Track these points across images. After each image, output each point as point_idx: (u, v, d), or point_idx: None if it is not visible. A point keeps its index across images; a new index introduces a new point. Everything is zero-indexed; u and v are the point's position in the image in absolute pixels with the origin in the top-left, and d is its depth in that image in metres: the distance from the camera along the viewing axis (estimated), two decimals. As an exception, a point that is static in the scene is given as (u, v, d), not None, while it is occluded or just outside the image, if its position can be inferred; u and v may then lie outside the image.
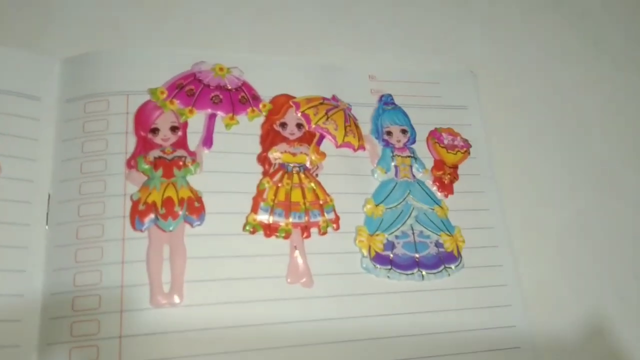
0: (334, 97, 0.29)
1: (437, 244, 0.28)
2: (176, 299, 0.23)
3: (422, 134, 0.30)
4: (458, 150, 0.30)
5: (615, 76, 0.35)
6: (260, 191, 0.26)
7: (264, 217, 0.26)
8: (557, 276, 0.29)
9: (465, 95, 0.32)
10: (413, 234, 0.28)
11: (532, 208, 0.30)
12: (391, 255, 0.27)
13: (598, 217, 0.31)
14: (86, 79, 0.26)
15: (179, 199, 0.25)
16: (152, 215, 0.24)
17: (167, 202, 0.24)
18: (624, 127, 0.34)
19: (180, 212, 0.24)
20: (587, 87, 0.34)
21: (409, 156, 0.29)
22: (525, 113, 0.33)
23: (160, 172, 0.25)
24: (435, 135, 0.30)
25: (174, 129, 0.26)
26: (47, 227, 0.24)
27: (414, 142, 0.30)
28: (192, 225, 0.25)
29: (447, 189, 0.29)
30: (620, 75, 0.35)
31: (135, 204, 0.24)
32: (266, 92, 0.28)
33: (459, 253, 0.28)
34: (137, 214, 0.24)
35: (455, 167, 0.30)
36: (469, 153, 0.30)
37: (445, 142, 0.30)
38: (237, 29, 0.30)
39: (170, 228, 0.24)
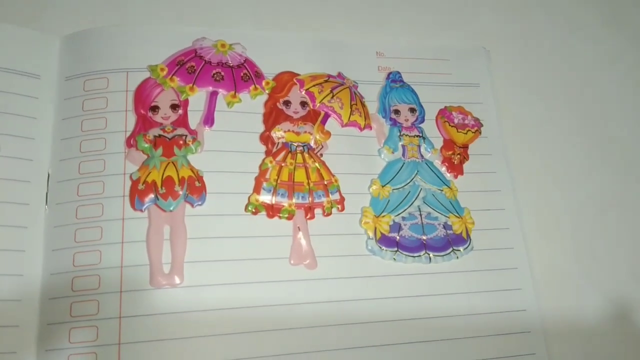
0: (339, 75, 0.28)
1: (446, 226, 0.27)
2: (176, 280, 0.23)
3: (431, 113, 0.29)
4: (469, 130, 0.29)
5: (633, 52, 0.34)
6: (262, 171, 0.25)
7: (266, 198, 0.25)
8: (569, 259, 0.28)
9: (476, 72, 0.31)
10: (420, 215, 0.27)
11: (544, 189, 0.29)
12: (398, 237, 0.26)
13: (613, 198, 0.30)
14: (86, 56, 0.26)
15: (179, 178, 0.24)
16: (152, 195, 0.23)
17: (167, 182, 0.24)
18: (642, 106, 0.33)
19: (181, 192, 0.24)
20: (603, 63, 0.33)
21: (417, 135, 0.28)
22: (539, 91, 0.32)
23: (160, 150, 0.24)
24: (444, 114, 0.29)
25: (174, 106, 0.25)
26: (46, 207, 0.24)
27: (422, 121, 0.29)
28: (192, 205, 0.24)
29: (456, 169, 0.28)
30: (638, 51, 0.34)
31: (134, 183, 0.24)
32: (269, 69, 0.27)
33: (467, 235, 0.27)
34: (136, 194, 0.23)
35: (465, 147, 0.29)
36: (480, 132, 0.29)
37: (456, 121, 0.29)
38: (239, 4, 0.29)
39: (171, 208, 0.24)
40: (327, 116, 0.27)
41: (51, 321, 0.22)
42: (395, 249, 0.26)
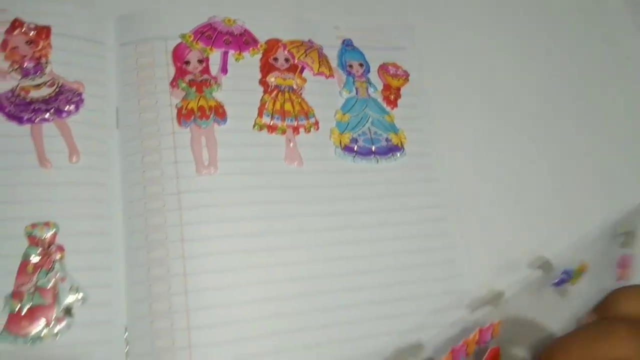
0: (310, 41, 0.41)
1: (387, 140, 0.40)
2: (212, 170, 0.34)
3: (374, 67, 0.42)
4: (400, 77, 0.42)
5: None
6: (262, 103, 0.37)
7: (267, 120, 0.37)
8: (472, 166, 0.41)
9: (404, 39, 0.44)
10: (370, 133, 0.39)
11: (452, 115, 0.42)
12: (355, 147, 0.39)
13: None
14: (136, 29, 0.37)
15: (208, 106, 0.36)
16: (192, 117, 0.35)
17: (201, 109, 0.35)
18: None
19: (211, 115, 0.36)
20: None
21: (365, 81, 0.41)
22: (455, 42, 0.45)
23: (194, 89, 0.36)
24: (383, 67, 0.42)
25: (200, 61, 0.37)
26: (117, 129, 0.35)
27: (368, 72, 0.41)
28: (218, 124, 0.36)
29: (392, 103, 0.41)
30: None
31: (179, 110, 0.35)
32: (262, 37, 0.39)
33: (402, 145, 0.40)
34: (181, 117, 0.35)
35: (398, 89, 0.42)
36: (408, 80, 0.42)
37: (391, 72, 0.42)
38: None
39: (204, 126, 0.35)
40: (303, 68, 0.40)
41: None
42: (354, 154, 0.38)
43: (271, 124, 0.37)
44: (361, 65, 0.41)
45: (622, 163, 0.44)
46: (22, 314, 0.29)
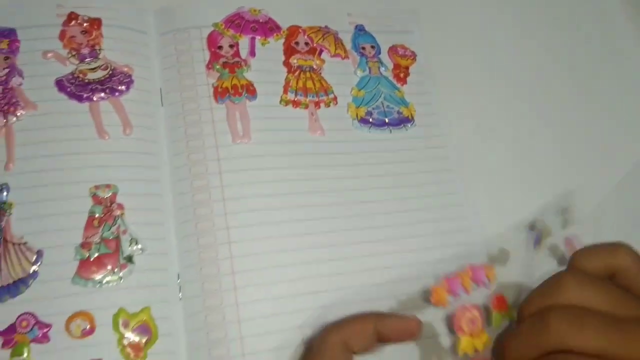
0: (326, 27, 0.45)
1: (398, 112, 0.44)
2: (246, 139, 0.39)
3: (384, 48, 0.46)
4: (408, 57, 0.47)
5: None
6: (287, 82, 0.42)
7: (291, 96, 0.42)
8: (476, 134, 0.46)
9: (411, 23, 0.48)
10: (383, 106, 0.44)
11: (457, 89, 0.47)
12: (370, 119, 0.43)
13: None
14: (173, 20, 0.42)
15: (240, 85, 0.40)
16: (226, 95, 0.40)
17: (234, 87, 0.40)
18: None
19: (243, 93, 0.40)
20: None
21: (376, 62, 0.46)
22: (456, 27, 0.49)
23: (227, 70, 0.41)
24: (393, 49, 0.47)
25: (231, 46, 0.42)
26: (162, 106, 0.40)
27: (379, 53, 0.46)
28: (250, 100, 0.40)
29: (402, 80, 0.45)
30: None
31: (215, 88, 0.40)
32: (284, 24, 0.44)
33: (412, 117, 0.44)
34: (217, 94, 0.40)
35: (407, 67, 0.46)
36: (415, 59, 0.47)
37: (400, 52, 0.47)
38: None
39: (238, 102, 0.40)
40: (321, 50, 0.44)
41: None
42: (370, 125, 0.43)
43: (295, 99, 0.42)
44: (373, 47, 0.46)
45: (616, 129, 0.49)
46: (91, 260, 0.33)
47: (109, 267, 0.34)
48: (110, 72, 0.38)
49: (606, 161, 0.47)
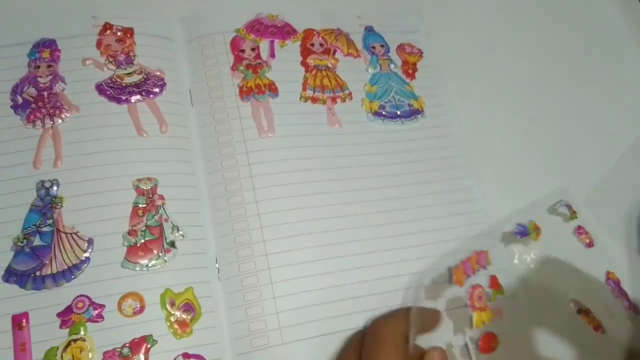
0: (338, 29, 0.49)
1: (409, 105, 0.47)
2: (271, 134, 0.42)
3: (393, 47, 0.50)
4: (415, 54, 0.50)
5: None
6: (305, 80, 0.45)
7: (310, 93, 0.45)
8: (482, 122, 0.49)
9: (416, 23, 0.52)
10: (394, 100, 0.47)
11: (462, 81, 0.50)
12: (384, 112, 0.46)
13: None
14: (198, 27, 0.45)
15: (263, 84, 0.44)
16: (251, 93, 0.43)
17: (258, 86, 0.44)
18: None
19: (266, 91, 0.44)
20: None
21: (386, 59, 0.49)
22: (459, 24, 0.53)
23: (250, 71, 0.44)
24: (401, 47, 0.50)
25: (252, 49, 0.45)
26: (192, 106, 0.43)
27: (388, 51, 0.49)
28: (272, 98, 0.44)
29: (411, 76, 0.49)
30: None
31: (240, 88, 0.43)
32: (299, 27, 0.48)
33: (422, 109, 0.48)
34: (243, 93, 0.43)
35: (414, 64, 0.50)
36: (422, 56, 0.50)
37: (407, 50, 0.50)
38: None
39: (261, 99, 0.43)
40: (335, 50, 0.48)
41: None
42: (383, 118, 0.46)
43: (314, 96, 0.45)
44: (382, 46, 0.49)
45: (614, 113, 0.52)
46: (138, 246, 0.37)
47: (155, 252, 0.37)
48: (145, 76, 0.42)
49: (607, 145, 0.50)
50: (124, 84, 0.41)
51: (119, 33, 0.43)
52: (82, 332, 0.34)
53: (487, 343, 0.39)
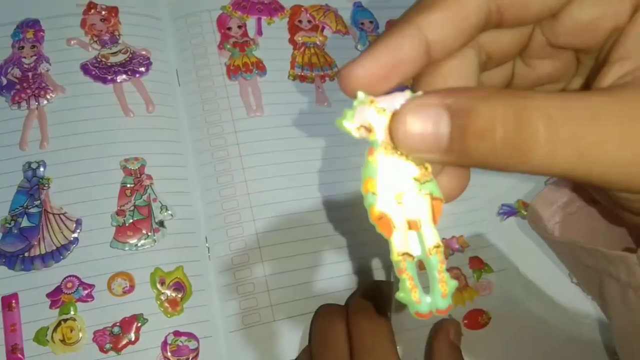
0: (326, 5, 0.48)
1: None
2: (259, 112, 0.42)
3: (382, 23, 0.49)
4: (405, 31, 0.50)
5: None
6: (293, 58, 0.45)
7: (298, 71, 0.45)
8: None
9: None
10: (383, 77, 0.47)
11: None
12: (372, 90, 0.46)
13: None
14: (184, 5, 0.45)
15: (251, 62, 0.43)
16: (239, 72, 0.43)
17: (245, 65, 0.43)
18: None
19: (253, 70, 0.43)
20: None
21: (376, 36, 0.49)
22: None
23: (237, 49, 0.44)
24: (391, 22, 0.50)
25: (239, 27, 0.45)
26: (179, 86, 0.43)
27: (377, 28, 0.49)
28: (260, 76, 0.43)
29: (400, 52, 0.49)
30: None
31: (228, 67, 0.43)
32: (287, 4, 0.47)
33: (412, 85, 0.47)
34: (230, 72, 0.43)
35: (404, 40, 0.49)
36: (412, 32, 0.50)
37: (397, 27, 0.50)
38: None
39: (249, 78, 0.43)
40: (323, 27, 0.47)
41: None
42: (372, 95, 0.46)
43: (302, 74, 0.45)
44: (371, 22, 0.49)
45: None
46: (127, 226, 0.36)
47: (144, 232, 0.37)
48: (130, 55, 0.41)
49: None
50: (109, 64, 0.40)
51: (103, 12, 0.42)
52: (72, 312, 0.34)
53: (473, 320, 0.40)
